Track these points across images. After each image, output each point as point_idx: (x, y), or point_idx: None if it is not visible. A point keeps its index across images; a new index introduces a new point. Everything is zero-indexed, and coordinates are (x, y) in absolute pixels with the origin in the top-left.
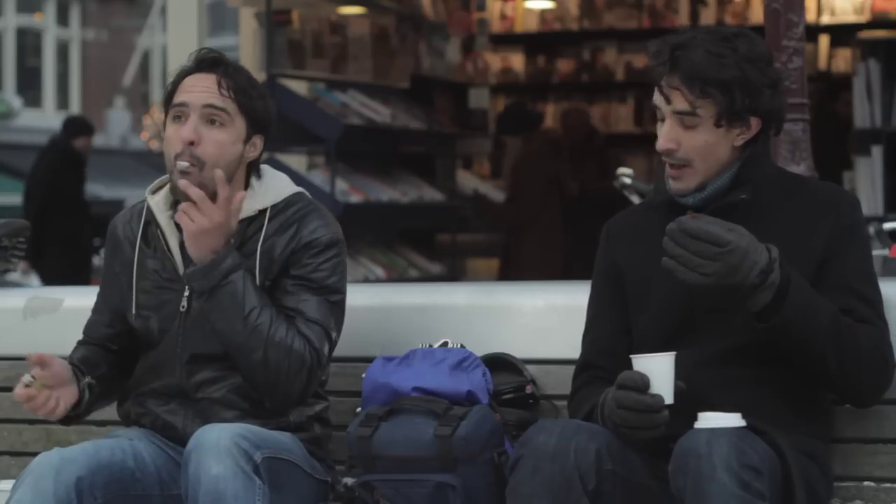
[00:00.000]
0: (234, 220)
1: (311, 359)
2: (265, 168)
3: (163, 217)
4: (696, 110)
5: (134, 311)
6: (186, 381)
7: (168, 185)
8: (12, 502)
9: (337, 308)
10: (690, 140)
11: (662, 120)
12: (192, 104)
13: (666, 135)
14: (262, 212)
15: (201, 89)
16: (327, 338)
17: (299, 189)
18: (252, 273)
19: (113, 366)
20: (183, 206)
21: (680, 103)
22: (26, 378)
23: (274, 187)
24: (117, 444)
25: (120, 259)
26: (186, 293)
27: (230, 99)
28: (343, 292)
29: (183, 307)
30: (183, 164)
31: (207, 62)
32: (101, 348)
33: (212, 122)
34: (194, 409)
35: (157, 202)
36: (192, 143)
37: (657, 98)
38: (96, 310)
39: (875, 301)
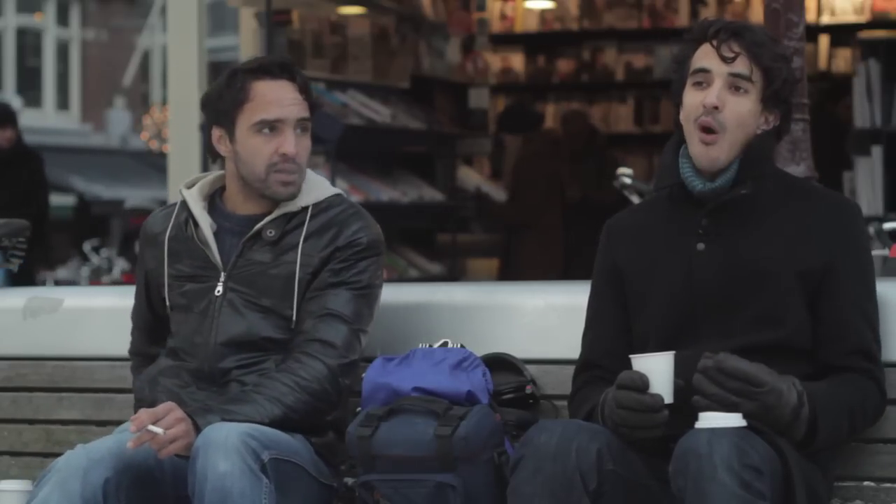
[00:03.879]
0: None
1: (330, 373)
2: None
3: (197, 207)
4: (751, 75)
5: (168, 302)
6: (217, 364)
7: (203, 181)
8: (37, 499)
9: (367, 300)
10: (735, 105)
11: (701, 84)
12: (287, 119)
13: (716, 93)
14: (304, 208)
15: (291, 101)
16: (353, 334)
17: (338, 191)
18: (292, 267)
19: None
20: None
21: (741, 66)
22: (157, 430)
23: (315, 187)
24: None
25: (153, 253)
26: (222, 279)
27: (308, 105)
28: (375, 286)
29: (219, 292)
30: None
31: (285, 67)
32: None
33: (303, 130)
34: (219, 393)
35: (192, 194)
36: (285, 154)
37: (708, 61)
38: (137, 313)
39: (873, 320)
